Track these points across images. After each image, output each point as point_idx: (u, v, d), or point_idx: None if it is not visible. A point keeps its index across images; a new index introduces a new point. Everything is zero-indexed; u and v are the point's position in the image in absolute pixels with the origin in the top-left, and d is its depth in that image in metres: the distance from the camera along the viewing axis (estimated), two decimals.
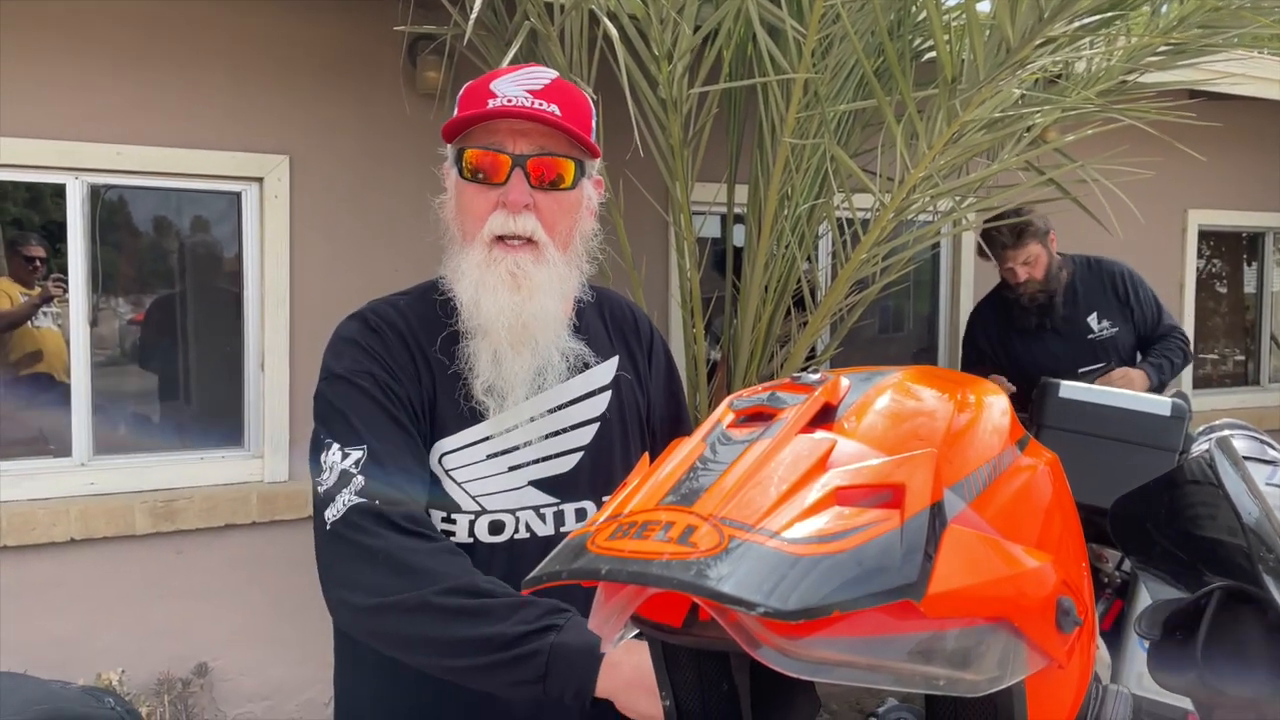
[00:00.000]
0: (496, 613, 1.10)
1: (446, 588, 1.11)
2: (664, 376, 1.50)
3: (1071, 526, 0.75)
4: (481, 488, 1.30)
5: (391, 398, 1.26)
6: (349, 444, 1.21)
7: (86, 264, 3.27)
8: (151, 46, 3.27)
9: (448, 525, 1.29)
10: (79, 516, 3.17)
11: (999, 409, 0.75)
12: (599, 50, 2.97)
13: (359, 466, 1.19)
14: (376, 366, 1.28)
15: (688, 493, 0.66)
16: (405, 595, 1.11)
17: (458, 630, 1.10)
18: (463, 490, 1.29)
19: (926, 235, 3.41)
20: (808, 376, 0.77)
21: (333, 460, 1.21)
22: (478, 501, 1.29)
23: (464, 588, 1.11)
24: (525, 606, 1.10)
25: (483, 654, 1.08)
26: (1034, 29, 2.59)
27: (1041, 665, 0.66)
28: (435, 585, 1.11)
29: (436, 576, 1.12)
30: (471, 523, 1.29)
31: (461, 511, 1.29)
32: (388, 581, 1.13)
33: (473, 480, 1.30)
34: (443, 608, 1.10)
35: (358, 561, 1.15)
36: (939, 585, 0.60)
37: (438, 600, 1.11)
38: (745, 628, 0.61)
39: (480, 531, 1.29)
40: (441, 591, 1.11)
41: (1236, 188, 5.50)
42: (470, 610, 1.10)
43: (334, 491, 1.18)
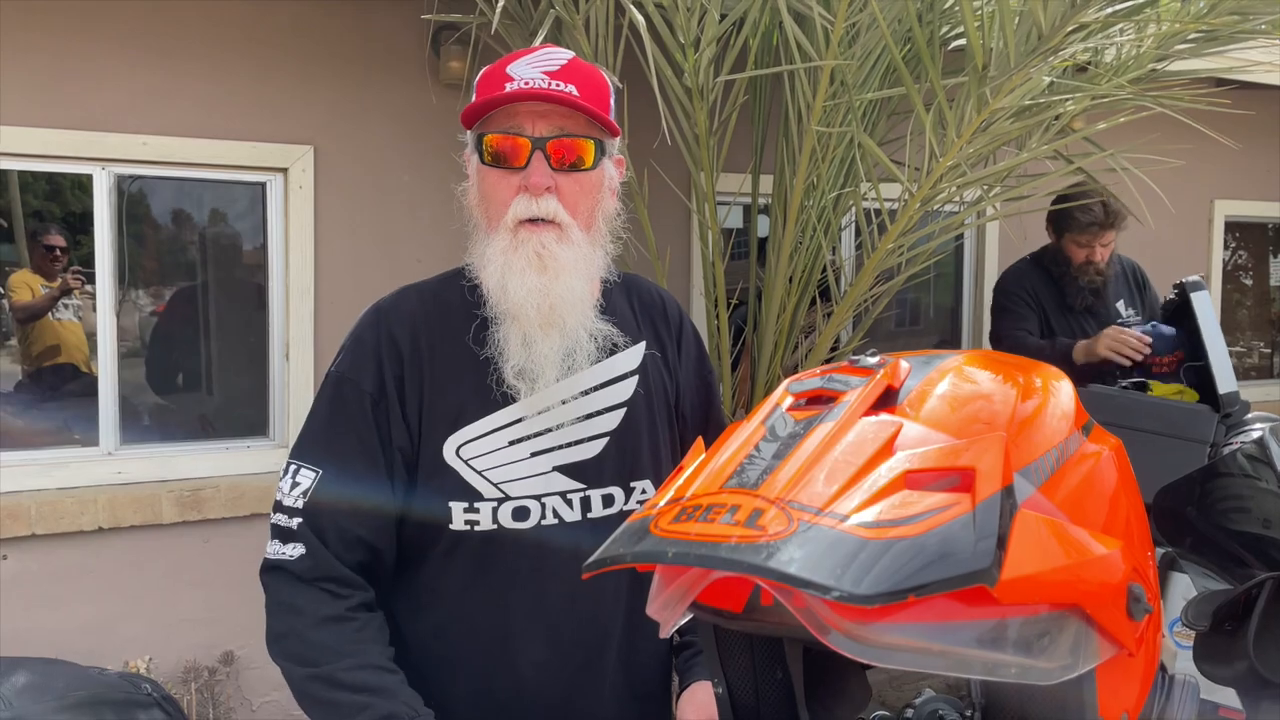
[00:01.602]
0: (339, 711, 1.20)
1: (314, 674, 1.22)
2: (694, 362, 1.49)
3: (1138, 513, 0.73)
4: (504, 474, 1.29)
5: (371, 413, 1.29)
6: (307, 462, 1.29)
7: (113, 255, 3.28)
8: (177, 37, 3.27)
9: (470, 514, 1.28)
10: (106, 505, 3.18)
11: (1065, 393, 0.74)
12: (624, 39, 2.95)
13: (306, 497, 1.27)
14: (370, 374, 1.30)
15: (751, 476, 0.65)
16: (286, 666, 1.25)
17: (314, 712, 1.23)
18: (483, 478, 1.28)
19: (953, 225, 3.38)
20: (866, 359, 0.75)
21: (286, 485, 1.29)
22: (500, 489, 1.29)
23: (324, 676, 1.21)
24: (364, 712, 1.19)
25: None
26: (1066, 15, 2.55)
27: (1112, 653, 0.65)
28: (306, 667, 1.22)
29: (312, 654, 1.22)
30: (495, 510, 1.29)
31: (484, 500, 1.28)
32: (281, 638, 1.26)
33: (494, 467, 1.29)
34: (303, 692, 1.23)
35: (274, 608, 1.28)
36: (1012, 570, 0.59)
37: (303, 684, 1.23)
38: (814, 612, 0.60)
39: (504, 518, 1.29)
40: (308, 678, 1.22)
41: (1264, 179, 5.43)
42: (322, 701, 1.21)
43: (282, 529, 1.28)
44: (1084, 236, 3.52)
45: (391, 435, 1.29)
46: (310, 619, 1.24)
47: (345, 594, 1.26)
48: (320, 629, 1.23)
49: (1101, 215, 3.47)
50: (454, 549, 1.30)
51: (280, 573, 1.27)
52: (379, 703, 1.19)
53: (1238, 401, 2.84)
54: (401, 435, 1.29)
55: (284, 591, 1.27)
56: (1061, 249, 3.60)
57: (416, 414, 1.30)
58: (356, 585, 1.27)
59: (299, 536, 1.26)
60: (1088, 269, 3.56)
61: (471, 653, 1.31)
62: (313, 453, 1.30)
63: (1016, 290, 3.75)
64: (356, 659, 1.22)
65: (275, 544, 1.28)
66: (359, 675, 1.21)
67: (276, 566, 1.28)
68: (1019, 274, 3.81)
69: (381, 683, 1.21)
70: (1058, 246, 3.62)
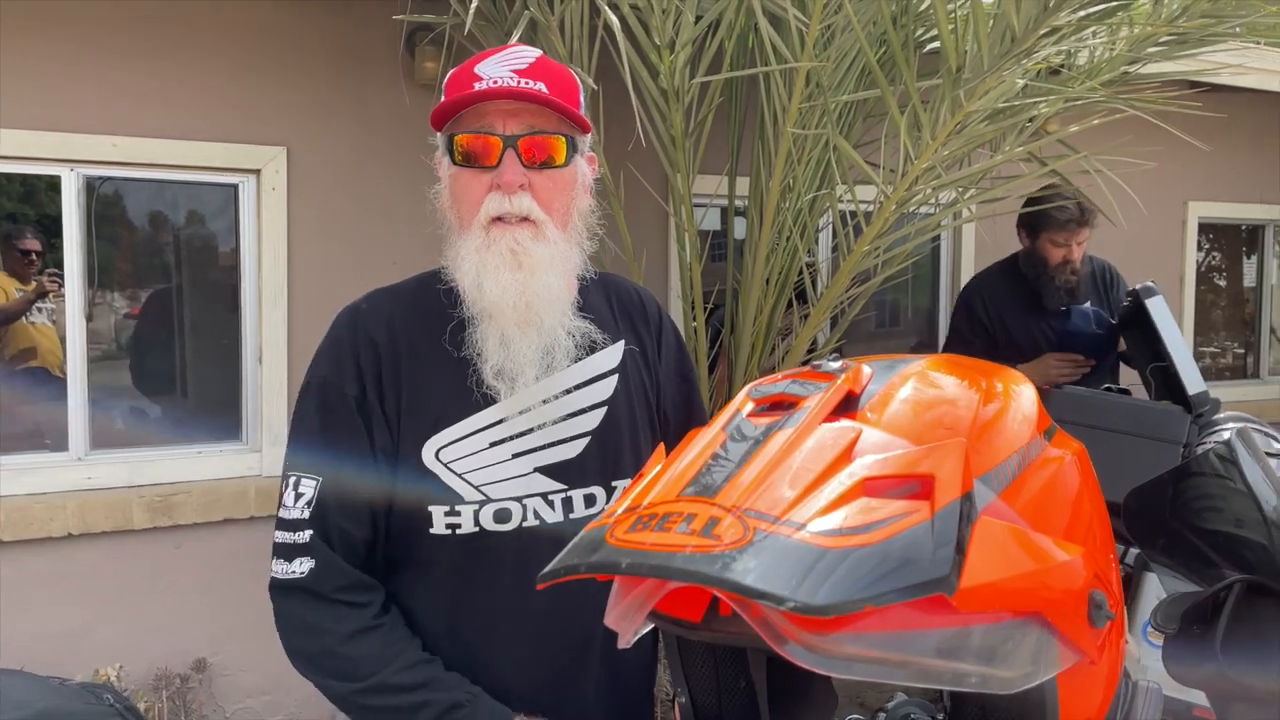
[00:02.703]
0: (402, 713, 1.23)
1: (364, 687, 1.23)
2: (675, 360, 1.49)
3: (1100, 518, 0.73)
4: (485, 476, 1.28)
5: (357, 415, 1.28)
6: (306, 471, 1.28)
7: (82, 257, 3.24)
8: (148, 37, 3.24)
9: (452, 517, 1.27)
10: (76, 511, 3.14)
11: (1027, 398, 0.73)
12: (600, 40, 2.94)
13: (309, 508, 1.26)
14: (351, 376, 1.29)
15: (709, 484, 0.64)
16: (331, 683, 1.26)
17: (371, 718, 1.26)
18: (464, 481, 1.28)
19: (928, 227, 3.39)
20: (828, 364, 0.75)
21: (289, 498, 1.27)
22: (481, 491, 1.28)
23: (375, 686, 1.23)
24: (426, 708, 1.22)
25: None
26: (1039, 18, 2.56)
27: (1074, 661, 0.64)
28: (354, 682, 1.24)
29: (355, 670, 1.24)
30: (476, 512, 1.28)
31: (465, 502, 1.27)
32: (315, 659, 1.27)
33: (475, 470, 1.28)
34: (356, 704, 1.25)
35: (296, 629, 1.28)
36: (971, 579, 0.58)
37: (358, 698, 1.25)
38: (771, 623, 0.59)
39: (486, 520, 1.28)
40: (359, 691, 1.24)
41: (1236, 180, 5.48)
42: (381, 709, 1.24)
43: (287, 545, 1.26)
44: (1061, 235, 3.52)
45: (374, 437, 1.28)
46: (339, 635, 1.25)
47: (364, 601, 1.27)
48: (353, 643, 1.24)
49: (1077, 213, 3.48)
50: (436, 553, 1.29)
51: (294, 592, 1.26)
52: (436, 695, 1.23)
53: (1208, 401, 2.86)
54: (384, 436, 1.29)
55: (303, 613, 1.26)
56: (1037, 250, 3.60)
57: (395, 416, 1.29)
58: (370, 587, 1.28)
59: (308, 549, 1.26)
60: (1064, 268, 3.57)
61: (455, 655, 1.30)
62: (309, 461, 1.29)
63: (966, 303, 3.82)
64: (400, 661, 1.25)
65: (281, 563, 1.27)
66: (407, 675, 1.24)
67: (288, 586, 1.26)
68: (977, 284, 3.86)
69: (431, 675, 1.25)
70: (1032, 249, 3.62)
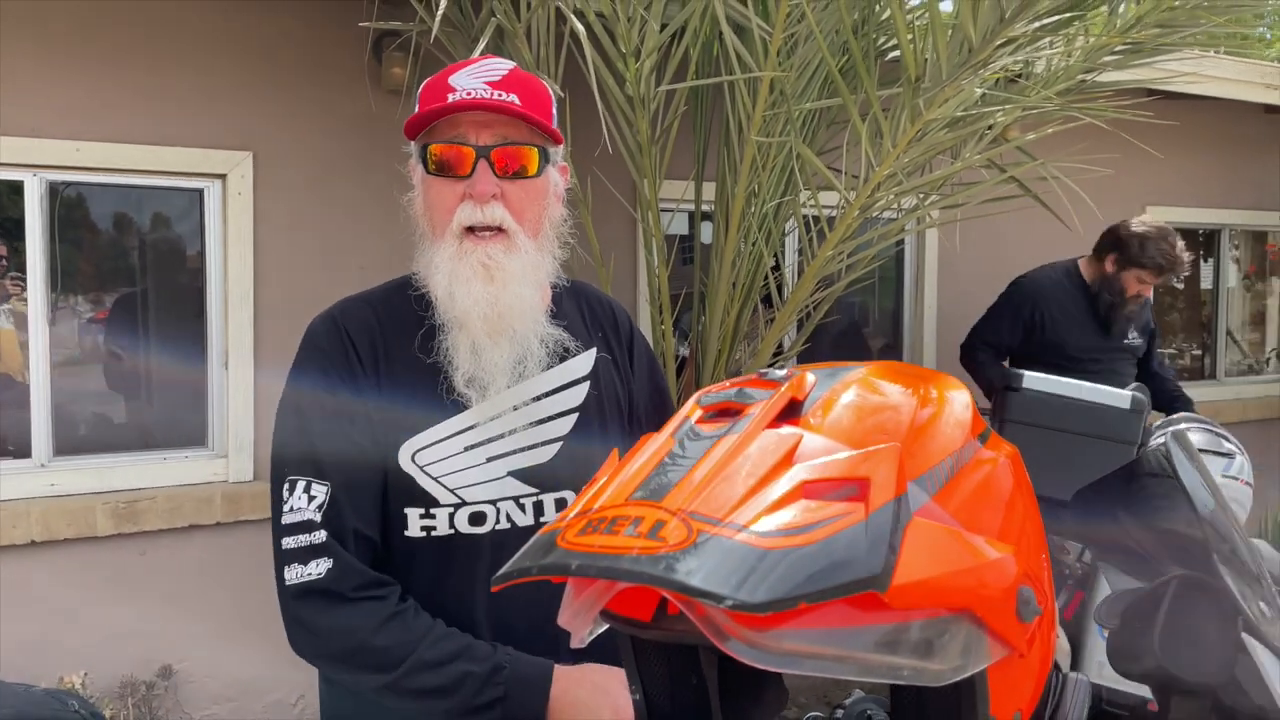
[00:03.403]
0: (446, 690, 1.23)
1: (403, 671, 1.23)
2: (646, 370, 1.52)
3: (1032, 517, 0.76)
4: (460, 480, 1.30)
5: (348, 414, 1.29)
6: (313, 477, 1.27)
7: (45, 262, 3.21)
8: (112, 42, 3.22)
9: (427, 520, 1.29)
10: (39, 518, 3.12)
11: (960, 403, 0.77)
12: (566, 47, 2.97)
13: (322, 511, 1.25)
14: (337, 378, 1.30)
15: (656, 488, 0.67)
16: (366, 677, 1.25)
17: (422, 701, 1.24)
18: (439, 484, 1.29)
19: (891, 232, 3.45)
20: (774, 373, 0.78)
21: (297, 501, 1.26)
22: (456, 494, 1.30)
23: (413, 667, 1.23)
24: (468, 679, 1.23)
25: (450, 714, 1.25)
26: (995, 29, 2.62)
27: (1003, 654, 0.68)
28: (391, 671, 1.23)
29: (390, 657, 1.23)
30: (451, 515, 1.30)
31: (440, 505, 1.29)
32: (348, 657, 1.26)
33: (450, 473, 1.30)
34: (399, 689, 1.24)
35: (319, 632, 1.26)
36: (903, 576, 0.61)
37: (399, 683, 1.24)
38: (713, 621, 0.62)
39: (461, 523, 1.30)
40: (400, 676, 1.23)
41: (1193, 185, 5.60)
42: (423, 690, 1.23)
43: (297, 548, 1.25)
44: (1148, 275, 3.74)
45: (361, 437, 1.30)
46: (369, 629, 1.24)
47: (384, 594, 1.27)
48: (382, 632, 1.24)
49: (1174, 265, 3.71)
50: (410, 555, 1.31)
51: (315, 596, 1.25)
52: (474, 665, 1.24)
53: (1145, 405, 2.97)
54: (368, 437, 1.30)
55: (328, 616, 1.25)
56: (1117, 278, 3.79)
57: (374, 418, 1.31)
58: (384, 582, 1.28)
59: (324, 550, 1.25)
60: (1135, 300, 3.77)
61: None
62: (314, 465, 1.29)
63: (1025, 299, 3.95)
64: (430, 637, 1.25)
65: (296, 567, 1.26)
66: (440, 649, 1.24)
67: (308, 590, 1.25)
68: (1036, 296, 3.98)
69: (463, 644, 1.26)
70: (1113, 275, 3.81)
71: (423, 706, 1.24)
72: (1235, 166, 5.73)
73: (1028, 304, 3.97)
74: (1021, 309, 3.97)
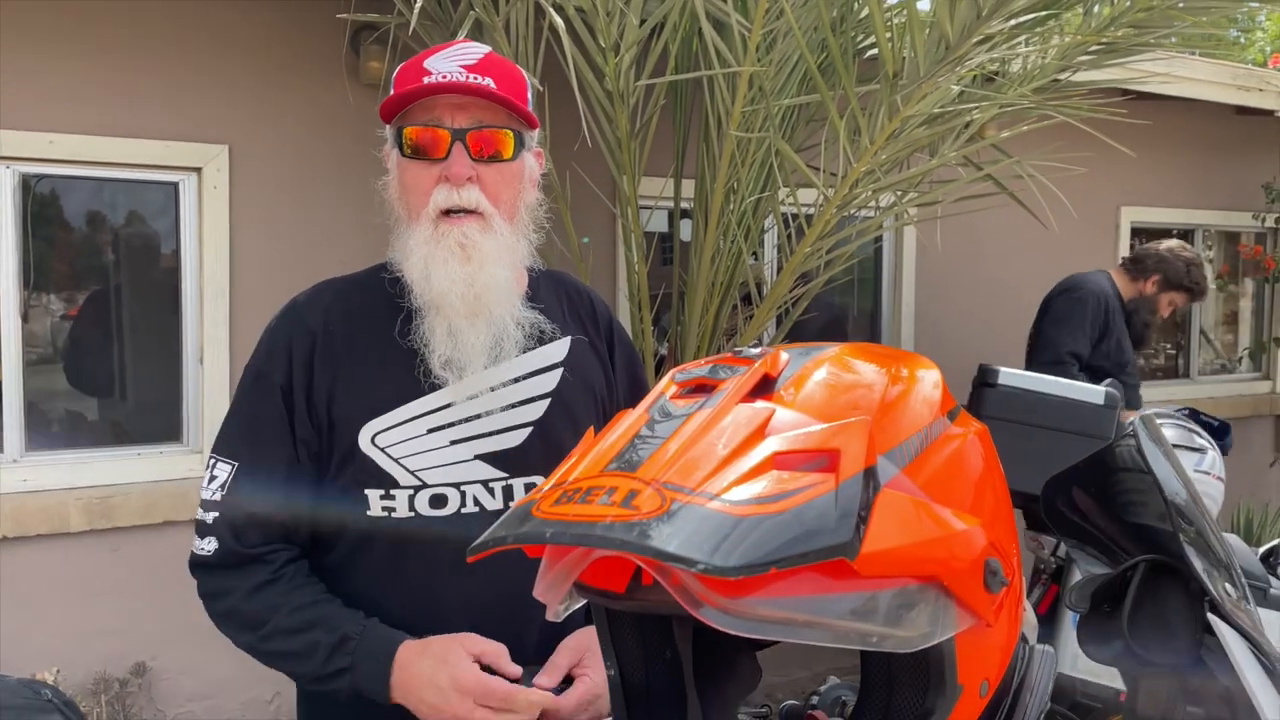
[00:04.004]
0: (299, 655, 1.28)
1: (262, 634, 1.30)
2: (625, 360, 1.52)
3: (1000, 493, 0.78)
4: (421, 462, 1.31)
5: (282, 404, 1.33)
6: (224, 455, 1.34)
7: (18, 257, 3.18)
8: (86, 32, 3.19)
9: (387, 501, 1.30)
10: (11, 514, 3.08)
11: (930, 381, 0.78)
12: (545, 41, 2.97)
13: (222, 490, 1.32)
14: (281, 367, 1.33)
15: (631, 459, 0.67)
16: (238, 636, 1.33)
17: (280, 665, 1.33)
18: (400, 465, 1.30)
19: (869, 229, 3.47)
20: (749, 350, 0.79)
21: (205, 479, 1.35)
22: (417, 476, 1.31)
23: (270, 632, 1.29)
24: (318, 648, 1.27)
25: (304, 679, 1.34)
26: (972, 26, 2.65)
27: (970, 624, 0.69)
28: (254, 632, 1.30)
29: (255, 620, 1.30)
30: (411, 497, 1.31)
31: (399, 487, 1.30)
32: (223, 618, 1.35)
33: (411, 455, 1.31)
34: (260, 651, 1.32)
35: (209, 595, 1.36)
36: (872, 545, 0.62)
37: (259, 645, 1.31)
38: (688, 588, 0.63)
39: (421, 506, 1.31)
40: (260, 639, 1.30)
41: (1167, 186, 5.67)
42: (278, 653, 1.31)
43: (200, 523, 1.34)
44: (1183, 298, 3.99)
45: (296, 425, 1.32)
46: (242, 592, 1.31)
47: (262, 564, 1.32)
48: (253, 596, 1.30)
49: (1204, 291, 4.01)
50: (372, 536, 1.32)
51: (203, 569, 1.34)
52: (324, 635, 1.26)
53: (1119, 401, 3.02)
54: (305, 428, 1.32)
55: (211, 582, 1.33)
56: (1156, 298, 3.98)
57: (325, 404, 1.32)
58: (267, 555, 1.32)
59: (213, 530, 1.32)
60: (1157, 319, 4.01)
61: None
62: (230, 446, 1.35)
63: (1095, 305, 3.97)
64: (292, 603, 1.29)
65: (196, 539, 1.34)
66: (298, 617, 1.28)
67: (198, 564, 1.34)
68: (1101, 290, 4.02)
69: (319, 614, 1.28)
70: (1153, 296, 3.97)
71: (283, 670, 1.32)
72: (1208, 167, 5.80)
73: (1101, 311, 3.97)
74: (1096, 316, 3.96)
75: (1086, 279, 4.09)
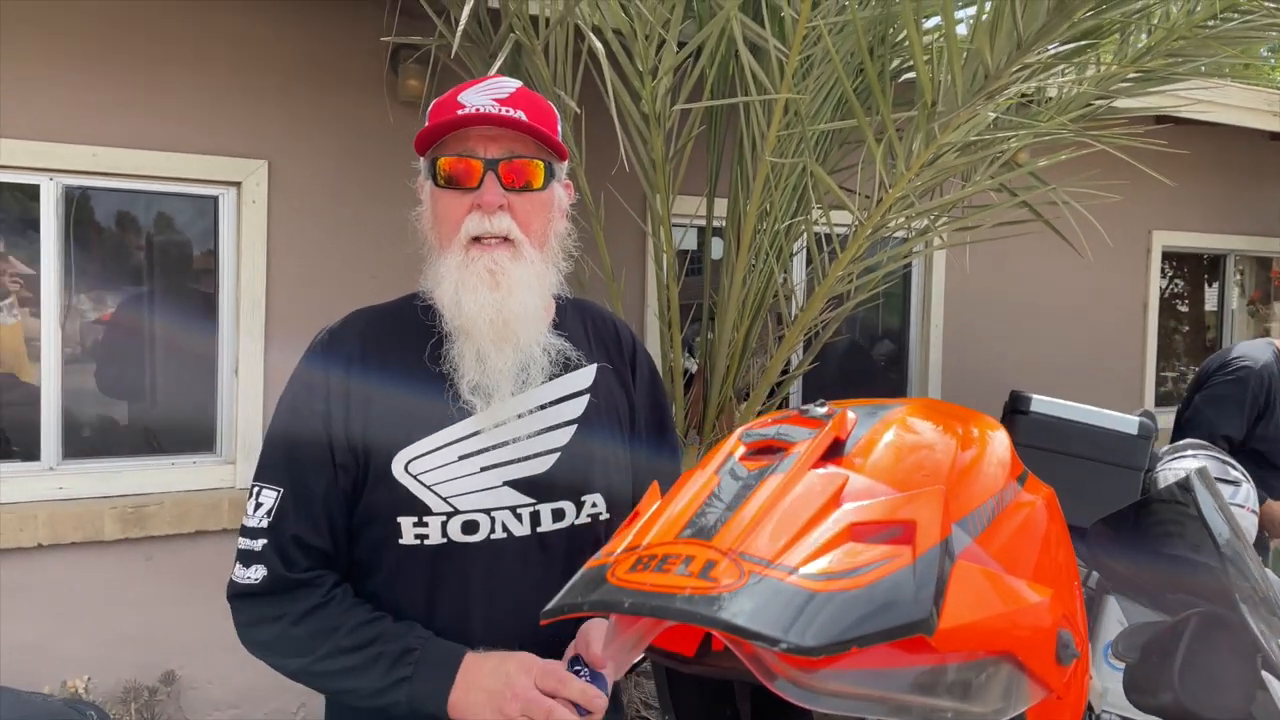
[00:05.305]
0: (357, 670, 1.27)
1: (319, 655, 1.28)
2: (648, 385, 1.54)
3: (1068, 560, 0.77)
4: (453, 489, 1.32)
5: (324, 432, 1.33)
6: (269, 482, 1.34)
7: (60, 265, 3.22)
8: (131, 48, 3.24)
9: (420, 528, 1.31)
10: (47, 522, 3.12)
11: (1001, 444, 0.78)
12: (584, 65, 2.99)
13: (269, 517, 1.31)
14: (319, 395, 1.34)
15: (705, 526, 0.68)
16: (286, 662, 1.31)
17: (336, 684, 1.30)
18: (432, 493, 1.31)
19: (901, 254, 3.46)
20: (815, 410, 0.79)
21: (250, 506, 1.34)
22: (449, 503, 1.32)
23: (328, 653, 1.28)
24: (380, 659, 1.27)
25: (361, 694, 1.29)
26: (1012, 55, 2.64)
27: (1042, 697, 0.69)
28: (305, 656, 1.29)
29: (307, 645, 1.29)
30: (444, 524, 1.32)
31: (432, 514, 1.31)
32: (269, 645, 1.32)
33: (443, 482, 1.32)
34: (312, 673, 1.30)
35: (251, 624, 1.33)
36: (949, 620, 0.62)
37: (313, 667, 1.29)
38: (761, 660, 0.63)
39: (454, 532, 1.32)
40: (315, 660, 1.29)
41: (1200, 211, 5.63)
42: (336, 672, 1.28)
43: (246, 552, 1.32)
44: None
45: (336, 453, 1.33)
46: (293, 616, 1.29)
47: (316, 586, 1.31)
48: (304, 622, 1.29)
49: None
50: (405, 562, 1.33)
51: (248, 598, 1.32)
52: (388, 646, 1.27)
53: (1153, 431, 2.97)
54: (344, 454, 1.33)
55: (256, 610, 1.31)
56: None
57: (361, 432, 1.33)
58: (315, 581, 1.32)
59: (261, 558, 1.31)
60: None
61: None
62: (274, 473, 1.35)
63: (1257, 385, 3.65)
64: (349, 623, 1.29)
65: (239, 568, 1.32)
66: (357, 635, 1.28)
67: (243, 593, 1.32)
68: (1264, 366, 3.69)
69: (380, 630, 1.28)
70: None
71: (337, 689, 1.30)
72: (1241, 193, 5.75)
73: (1262, 390, 3.65)
74: (1257, 396, 3.65)
75: (1248, 352, 3.75)
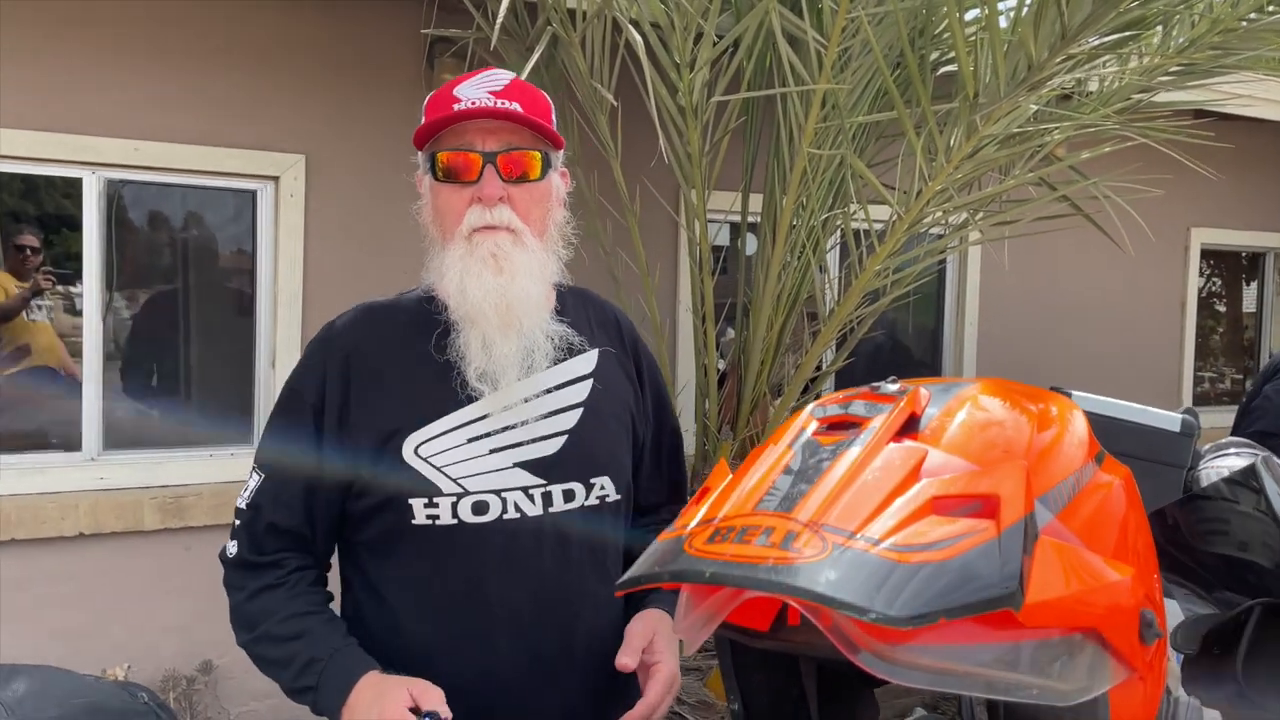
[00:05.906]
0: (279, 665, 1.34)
1: (253, 636, 1.35)
2: (649, 373, 1.57)
3: (1146, 540, 0.76)
4: (462, 470, 1.34)
5: (312, 422, 1.38)
6: (258, 466, 1.40)
7: (101, 258, 3.26)
8: (170, 43, 3.27)
9: (431, 509, 1.33)
10: (88, 511, 3.16)
11: (1080, 424, 0.77)
12: (621, 58, 2.98)
13: (251, 497, 1.38)
14: (313, 386, 1.38)
15: (783, 498, 0.67)
16: (238, 634, 1.38)
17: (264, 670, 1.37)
18: (442, 474, 1.33)
19: (938, 249, 3.43)
20: (887, 386, 0.78)
21: (245, 486, 1.41)
22: (459, 484, 1.34)
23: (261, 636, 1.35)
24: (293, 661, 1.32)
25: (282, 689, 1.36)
26: (1056, 46, 2.61)
27: (1125, 676, 0.68)
28: (248, 632, 1.36)
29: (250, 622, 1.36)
30: (454, 505, 1.33)
31: (443, 495, 1.33)
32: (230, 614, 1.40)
33: (453, 464, 1.34)
34: (251, 653, 1.37)
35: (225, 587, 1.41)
36: (1035, 595, 0.61)
37: (251, 647, 1.37)
38: (844, 632, 0.62)
39: (464, 513, 1.34)
40: (251, 640, 1.36)
41: (1240, 208, 5.54)
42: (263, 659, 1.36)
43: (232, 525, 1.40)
44: None
45: (324, 441, 1.37)
46: (249, 591, 1.37)
47: (278, 564, 1.38)
48: (256, 598, 1.36)
49: None
50: (418, 543, 1.35)
51: (225, 564, 1.41)
52: (302, 649, 1.31)
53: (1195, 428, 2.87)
54: (334, 444, 1.36)
55: (227, 578, 1.41)
56: None
57: (364, 421, 1.36)
58: (280, 562, 1.38)
59: (235, 535, 1.39)
60: None
61: (439, 644, 1.36)
62: (261, 456, 1.41)
63: None
64: (285, 611, 1.34)
65: (225, 541, 1.42)
66: (287, 626, 1.33)
67: (222, 558, 1.42)
68: None
69: (304, 627, 1.33)
70: None
71: (268, 675, 1.36)
72: None
73: None
74: None
75: None
